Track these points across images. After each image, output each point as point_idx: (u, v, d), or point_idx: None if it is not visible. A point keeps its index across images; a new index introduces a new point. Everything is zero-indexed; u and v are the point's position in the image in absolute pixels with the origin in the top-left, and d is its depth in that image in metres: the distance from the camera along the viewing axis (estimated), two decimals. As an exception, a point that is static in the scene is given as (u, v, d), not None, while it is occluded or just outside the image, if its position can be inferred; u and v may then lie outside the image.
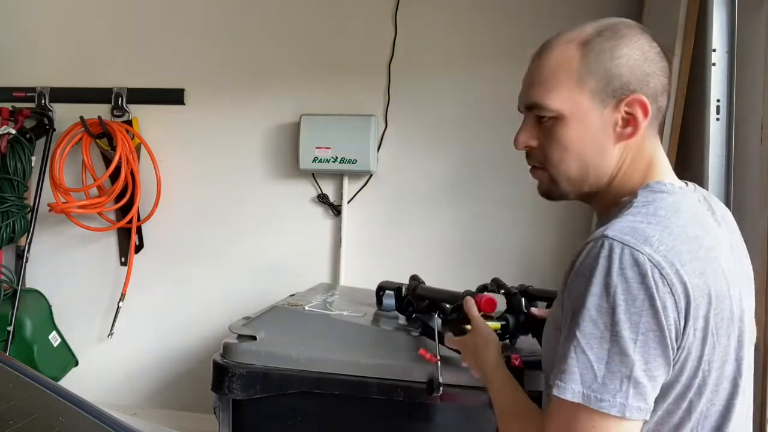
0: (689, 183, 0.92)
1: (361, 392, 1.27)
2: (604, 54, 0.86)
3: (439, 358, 1.19)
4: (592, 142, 0.86)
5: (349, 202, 2.61)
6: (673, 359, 0.75)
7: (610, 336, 0.73)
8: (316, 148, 2.48)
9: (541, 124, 0.91)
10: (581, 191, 0.92)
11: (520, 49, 2.46)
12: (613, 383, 0.73)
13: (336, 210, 2.62)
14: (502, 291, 1.37)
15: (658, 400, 0.77)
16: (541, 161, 0.94)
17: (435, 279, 1.62)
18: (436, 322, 1.26)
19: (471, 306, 1.13)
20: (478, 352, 1.07)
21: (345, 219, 2.60)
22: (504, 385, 0.98)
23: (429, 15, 2.55)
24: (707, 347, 0.77)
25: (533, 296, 1.30)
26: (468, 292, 1.23)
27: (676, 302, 0.73)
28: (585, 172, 0.89)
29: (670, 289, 0.73)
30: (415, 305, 1.37)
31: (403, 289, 1.46)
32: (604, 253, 0.75)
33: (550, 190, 0.97)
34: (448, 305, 1.25)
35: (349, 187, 2.60)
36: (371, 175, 2.59)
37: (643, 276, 0.73)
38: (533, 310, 1.23)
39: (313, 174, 2.62)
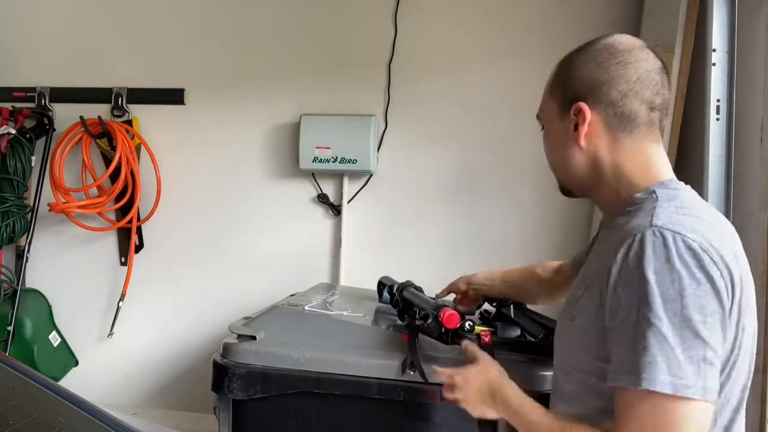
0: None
1: (361, 392, 1.27)
2: (567, 68, 0.98)
3: (408, 336, 1.26)
4: (561, 145, 0.98)
5: (349, 202, 2.61)
6: (726, 339, 0.79)
7: (681, 321, 0.75)
8: (316, 148, 2.48)
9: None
10: (578, 189, 1.02)
11: (520, 49, 2.49)
12: (693, 367, 0.75)
13: (336, 210, 2.62)
14: (494, 303, 1.46)
15: None
16: (551, 167, 1.06)
17: (435, 279, 1.62)
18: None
19: (473, 347, 1.11)
20: (495, 390, 1.01)
21: (345, 219, 2.60)
22: (538, 409, 0.93)
23: (429, 15, 2.54)
24: (740, 330, 0.81)
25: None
26: (438, 303, 1.28)
27: (725, 285, 0.78)
28: (565, 171, 1.00)
29: (721, 273, 0.78)
30: (401, 305, 1.42)
31: (394, 288, 1.52)
32: (658, 242, 0.78)
33: (563, 190, 1.07)
34: (420, 311, 1.31)
35: (349, 187, 2.60)
36: (371, 175, 2.59)
37: (700, 260, 0.77)
38: None
39: (313, 174, 2.62)
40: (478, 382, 1.03)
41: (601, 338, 0.84)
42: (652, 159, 0.94)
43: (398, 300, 1.45)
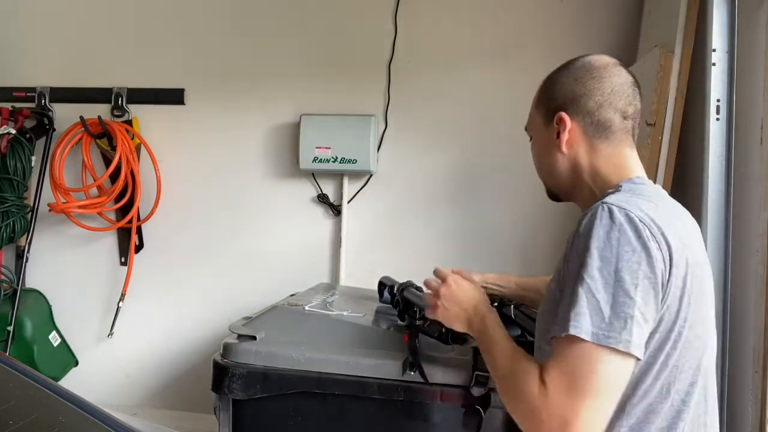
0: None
1: (361, 392, 1.27)
2: (550, 83, 1.12)
3: (409, 336, 1.27)
4: (546, 152, 1.11)
5: (349, 202, 2.61)
6: (660, 307, 0.88)
7: (614, 281, 0.86)
8: (316, 148, 2.48)
9: None
10: (563, 192, 1.14)
11: (520, 49, 2.49)
12: (619, 322, 0.84)
13: (336, 210, 2.62)
14: (495, 304, 1.43)
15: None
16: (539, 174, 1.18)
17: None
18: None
19: (442, 270, 1.21)
20: (461, 294, 1.13)
21: (345, 219, 2.60)
22: (499, 329, 1.05)
23: (429, 15, 2.55)
24: (684, 304, 0.90)
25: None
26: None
27: (663, 257, 0.87)
28: (551, 176, 1.13)
29: (658, 245, 0.87)
30: (402, 305, 1.42)
31: (395, 288, 1.51)
32: (605, 214, 0.90)
33: (548, 195, 1.20)
34: (420, 311, 1.31)
35: (349, 187, 2.60)
36: (371, 175, 2.59)
37: (638, 231, 0.87)
38: None
39: (313, 174, 2.62)
40: (468, 296, 1.13)
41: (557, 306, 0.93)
42: (625, 161, 1.06)
43: (398, 300, 1.45)
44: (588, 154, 1.06)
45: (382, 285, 1.64)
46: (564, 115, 1.06)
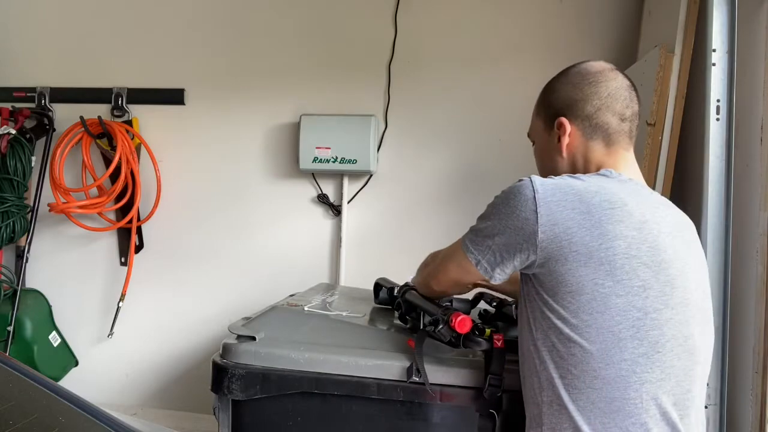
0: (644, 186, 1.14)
1: (361, 392, 1.27)
2: (549, 91, 1.19)
3: (416, 341, 1.28)
4: (548, 156, 1.19)
5: (349, 202, 2.61)
6: (540, 262, 1.01)
7: (487, 222, 1.08)
8: (316, 148, 2.48)
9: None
10: None
11: (520, 49, 2.49)
12: (479, 246, 1.08)
13: (336, 210, 2.62)
14: (494, 303, 1.49)
15: (565, 313, 0.99)
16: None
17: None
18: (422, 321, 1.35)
19: None
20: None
21: (345, 219, 2.60)
22: None
23: (429, 15, 2.55)
24: (593, 271, 0.96)
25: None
26: (447, 308, 1.33)
27: (537, 218, 0.99)
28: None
29: (536, 209, 0.99)
30: (404, 308, 1.42)
31: (396, 290, 1.49)
32: (517, 181, 1.04)
33: None
34: (427, 315, 1.33)
35: (349, 187, 2.60)
36: (371, 175, 2.59)
37: (520, 193, 1.02)
38: None
39: (313, 174, 2.62)
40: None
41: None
42: (614, 161, 1.11)
43: (400, 302, 1.45)
44: (583, 156, 1.13)
45: (378, 286, 1.63)
46: (564, 120, 1.12)
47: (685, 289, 1.02)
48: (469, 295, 1.50)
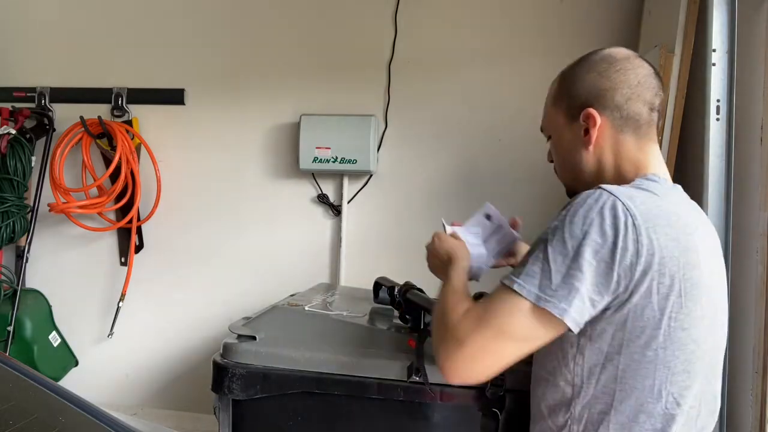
0: (677, 185, 1.07)
1: (361, 392, 1.27)
2: (570, 80, 1.07)
3: (417, 340, 1.27)
4: (572, 150, 1.07)
5: (349, 202, 2.61)
6: (625, 299, 0.87)
7: (573, 256, 0.87)
8: (316, 148, 2.48)
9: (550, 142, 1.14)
10: (582, 189, 1.04)
11: (520, 49, 2.49)
12: (564, 292, 0.87)
13: (336, 210, 2.62)
14: None
15: (624, 344, 0.89)
16: (557, 172, 1.15)
17: (435, 279, 1.62)
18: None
19: (438, 232, 1.31)
20: (441, 246, 1.24)
21: (345, 219, 2.60)
22: (460, 275, 1.11)
23: (429, 15, 2.55)
24: (670, 304, 0.88)
25: None
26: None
27: (638, 249, 0.86)
28: (575, 175, 1.08)
29: (636, 238, 0.86)
30: (404, 307, 1.41)
31: (396, 290, 1.49)
32: (594, 195, 0.90)
33: (567, 192, 1.14)
34: (429, 315, 1.31)
35: (349, 187, 2.60)
36: (371, 175, 2.59)
37: (617, 219, 0.87)
38: None
39: (313, 174, 2.62)
40: (445, 246, 1.22)
41: None
42: (645, 157, 1.03)
43: (400, 302, 1.44)
44: (613, 150, 1.03)
45: (378, 285, 1.63)
46: (593, 111, 1.02)
47: (724, 312, 1.00)
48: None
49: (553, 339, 0.90)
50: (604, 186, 0.91)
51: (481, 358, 0.90)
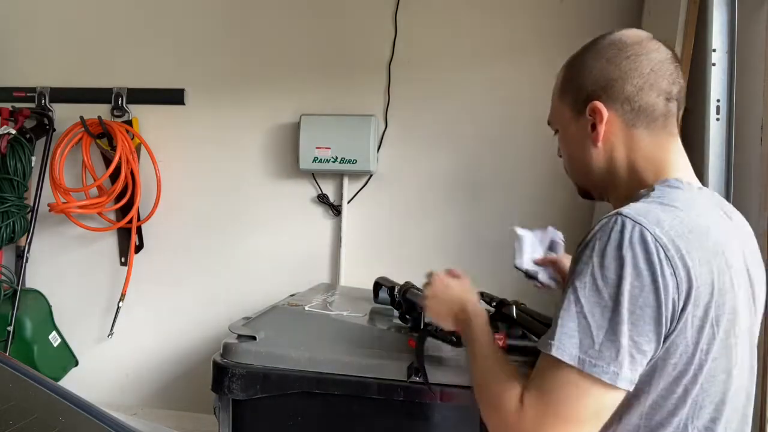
0: (704, 187, 0.96)
1: (361, 392, 1.27)
2: (576, 69, 0.97)
3: (417, 341, 1.24)
4: (580, 147, 0.97)
5: (349, 202, 2.61)
6: (665, 338, 0.78)
7: (612, 306, 0.76)
8: (316, 148, 2.48)
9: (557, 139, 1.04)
10: (596, 190, 1.01)
11: (519, 49, 2.49)
12: (610, 351, 0.76)
13: (336, 210, 2.62)
14: (494, 303, 1.44)
15: (653, 381, 0.80)
16: (567, 171, 1.06)
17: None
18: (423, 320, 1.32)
19: (433, 273, 1.18)
20: (447, 293, 1.09)
21: (345, 219, 2.60)
22: (484, 332, 0.99)
23: (429, 15, 2.54)
24: (704, 336, 0.79)
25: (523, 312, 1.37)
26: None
27: (678, 284, 0.76)
28: (585, 174, 0.99)
29: (673, 271, 0.76)
30: (404, 307, 1.40)
31: (396, 290, 1.49)
32: (617, 228, 0.79)
33: (582, 193, 1.06)
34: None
35: (349, 187, 2.60)
36: (371, 175, 2.59)
37: (649, 253, 0.76)
38: None
39: (313, 174, 2.62)
40: (453, 294, 1.09)
41: None
42: (665, 155, 0.92)
43: (400, 302, 1.44)
44: (625, 146, 0.92)
45: (378, 285, 1.63)
46: (599, 104, 0.92)
47: (752, 334, 0.90)
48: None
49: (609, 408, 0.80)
50: (623, 211, 0.80)
51: None
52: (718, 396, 0.83)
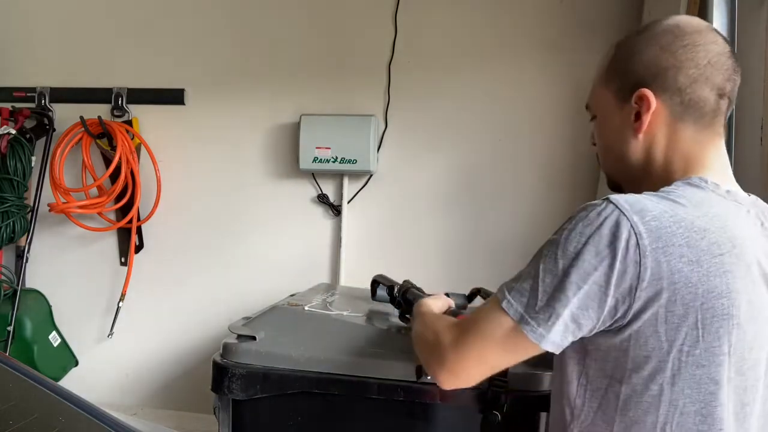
0: (750, 195, 0.92)
1: (361, 392, 1.27)
2: (626, 52, 0.91)
3: None
4: (618, 137, 0.92)
5: (349, 202, 2.61)
6: (621, 323, 0.79)
7: (561, 276, 0.79)
8: (316, 148, 2.48)
9: (592, 123, 0.99)
10: (628, 182, 0.96)
11: (519, 49, 2.49)
12: (545, 315, 0.80)
13: (336, 210, 2.62)
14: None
15: (625, 371, 0.81)
16: (599, 159, 1.01)
17: (435, 279, 1.62)
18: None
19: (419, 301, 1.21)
20: (425, 302, 1.16)
21: (345, 219, 2.60)
22: (430, 310, 1.10)
23: (429, 15, 2.55)
24: (683, 336, 0.78)
25: None
26: (452, 310, 1.27)
27: (639, 272, 0.76)
28: (619, 165, 0.95)
29: (639, 259, 0.76)
30: (404, 307, 1.40)
31: (396, 289, 1.48)
32: (597, 209, 0.80)
33: (611, 184, 1.02)
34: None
35: (349, 187, 2.60)
36: (371, 175, 2.59)
37: (616, 238, 0.77)
38: None
39: (313, 174, 2.62)
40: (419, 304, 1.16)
41: None
42: (702, 154, 0.88)
43: (400, 301, 1.44)
44: (666, 140, 0.88)
45: (375, 283, 1.61)
46: (647, 92, 0.86)
47: (761, 349, 0.84)
48: (465, 290, 1.49)
49: (532, 356, 0.85)
50: (612, 197, 0.80)
51: (466, 367, 0.88)
52: (706, 407, 0.79)
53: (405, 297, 1.41)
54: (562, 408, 0.89)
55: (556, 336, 0.80)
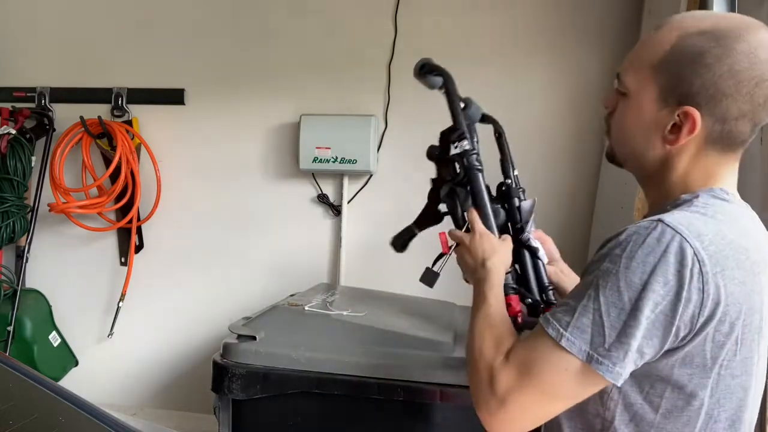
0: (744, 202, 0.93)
1: (361, 392, 1.27)
2: (690, 55, 0.81)
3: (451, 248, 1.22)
4: (643, 133, 0.87)
5: (349, 202, 2.61)
6: (675, 348, 0.77)
7: (629, 310, 0.75)
8: (316, 148, 2.48)
9: (618, 94, 0.91)
10: (634, 170, 0.94)
11: (519, 49, 2.49)
12: (618, 353, 0.75)
13: (336, 210, 2.62)
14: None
15: (665, 393, 0.80)
16: (608, 128, 0.96)
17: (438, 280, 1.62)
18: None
19: (474, 217, 1.18)
20: (479, 246, 1.07)
21: (345, 219, 2.60)
22: (495, 294, 0.98)
23: (429, 15, 2.54)
24: (725, 352, 0.78)
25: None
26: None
27: (702, 299, 0.74)
28: (631, 155, 0.91)
29: (702, 286, 0.74)
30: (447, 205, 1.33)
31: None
32: (654, 234, 0.76)
33: (610, 156, 0.97)
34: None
35: (349, 187, 2.60)
36: (371, 175, 2.59)
37: (682, 266, 0.74)
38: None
39: (313, 174, 2.62)
40: (482, 248, 1.07)
41: None
42: (721, 170, 0.87)
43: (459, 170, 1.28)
44: (690, 157, 0.85)
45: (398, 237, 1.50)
46: (696, 115, 0.81)
47: None
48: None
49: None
50: (664, 218, 0.77)
51: (524, 417, 0.82)
52: (735, 413, 0.82)
53: (449, 195, 1.31)
54: (587, 418, 0.87)
55: (629, 370, 0.77)
